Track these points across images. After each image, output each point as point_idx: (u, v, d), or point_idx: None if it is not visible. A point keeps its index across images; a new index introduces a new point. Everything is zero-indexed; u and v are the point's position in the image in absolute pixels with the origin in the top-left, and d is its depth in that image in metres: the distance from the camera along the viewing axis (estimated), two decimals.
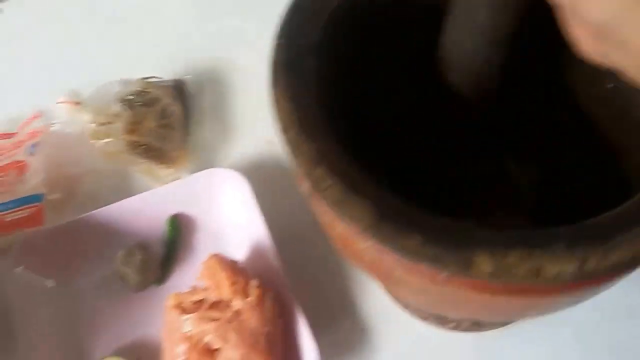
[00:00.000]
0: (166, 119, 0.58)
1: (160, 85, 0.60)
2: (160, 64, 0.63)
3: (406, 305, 0.53)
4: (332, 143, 0.35)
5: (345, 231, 0.35)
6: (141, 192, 0.55)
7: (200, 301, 0.48)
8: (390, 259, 0.34)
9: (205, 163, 0.59)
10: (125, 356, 0.50)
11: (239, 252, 0.54)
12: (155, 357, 0.49)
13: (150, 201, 0.55)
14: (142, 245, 0.54)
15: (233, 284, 0.48)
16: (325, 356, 0.47)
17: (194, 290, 0.50)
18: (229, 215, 0.55)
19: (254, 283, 0.48)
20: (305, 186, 0.36)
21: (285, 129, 0.36)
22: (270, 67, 0.38)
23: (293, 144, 0.35)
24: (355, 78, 0.42)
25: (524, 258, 0.31)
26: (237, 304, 0.47)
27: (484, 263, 0.31)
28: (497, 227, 0.43)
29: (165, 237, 0.55)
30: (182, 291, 0.50)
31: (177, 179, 0.57)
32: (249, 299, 0.47)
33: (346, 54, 0.41)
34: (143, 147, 0.57)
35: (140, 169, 0.57)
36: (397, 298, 0.53)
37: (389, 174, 0.46)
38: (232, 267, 0.50)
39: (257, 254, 0.53)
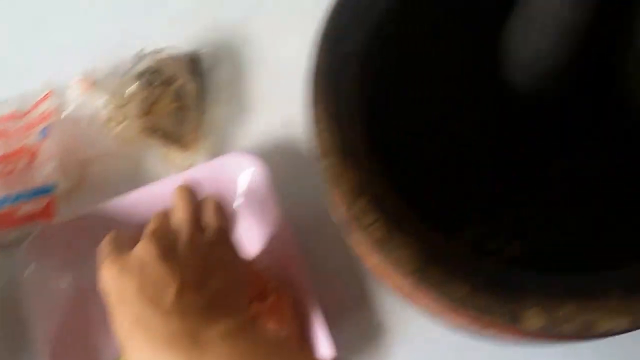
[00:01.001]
0: (182, 99, 0.56)
1: (175, 60, 0.57)
2: (176, 36, 0.60)
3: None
4: (377, 170, 0.34)
5: (385, 266, 0.35)
6: (156, 178, 0.54)
7: None
8: (432, 299, 0.33)
9: (222, 145, 0.57)
10: None
11: (256, 242, 0.53)
12: None
13: (166, 190, 0.53)
14: None
15: (248, 285, 0.48)
16: (340, 351, 0.47)
17: None
18: (245, 204, 0.54)
19: (271, 285, 0.48)
20: (342, 217, 0.35)
21: (325, 154, 0.34)
22: (310, 80, 0.36)
23: (333, 172, 0.34)
24: (405, 84, 0.40)
25: (577, 311, 0.30)
26: (254, 307, 0.47)
27: (535, 317, 0.30)
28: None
29: None
30: None
31: (193, 164, 0.55)
32: (265, 302, 0.47)
33: (396, 59, 0.39)
34: (158, 131, 0.55)
35: (155, 153, 0.55)
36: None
37: (436, 177, 0.44)
38: (247, 268, 0.49)
39: (274, 244, 0.52)
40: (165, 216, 0.43)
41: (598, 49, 0.39)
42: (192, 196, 0.44)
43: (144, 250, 0.39)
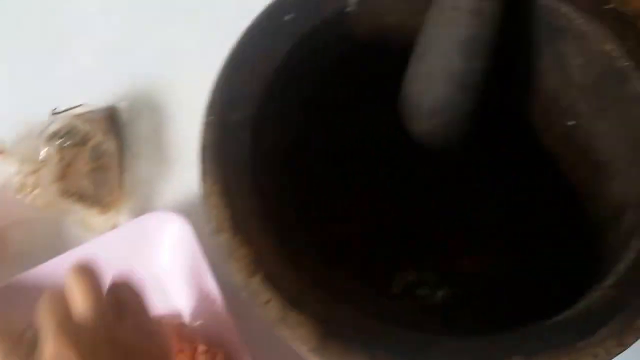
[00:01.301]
0: (99, 159, 0.54)
1: (91, 117, 0.56)
2: (91, 90, 0.58)
3: None
4: (271, 245, 0.32)
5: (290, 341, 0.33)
6: (77, 242, 0.52)
7: None
8: None
9: (145, 203, 0.55)
10: None
11: (186, 305, 0.52)
12: None
13: (87, 256, 0.51)
14: None
15: (178, 352, 0.46)
16: None
17: None
18: (172, 265, 0.53)
19: (201, 348, 0.47)
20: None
21: (218, 230, 0.33)
22: (199, 153, 0.35)
23: (227, 249, 0.32)
24: (303, 142, 0.39)
25: None
26: None
27: None
28: (463, 276, 0.42)
29: None
30: None
31: (115, 226, 0.54)
32: None
33: (292, 119, 0.38)
34: (75, 194, 0.53)
35: (74, 218, 0.54)
36: None
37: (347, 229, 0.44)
38: (176, 332, 0.48)
39: (204, 305, 0.51)
40: (61, 303, 0.36)
41: (497, 94, 0.39)
42: (93, 278, 0.37)
43: (58, 355, 0.32)
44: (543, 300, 0.36)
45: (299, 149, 0.37)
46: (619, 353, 0.31)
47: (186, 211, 0.52)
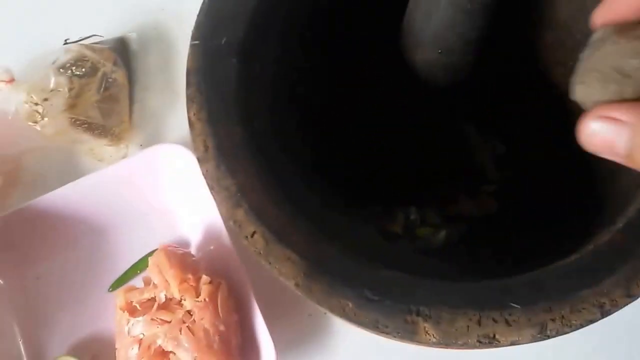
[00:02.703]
0: (108, 89, 0.51)
1: (100, 48, 0.52)
2: (101, 21, 0.54)
3: None
4: (257, 175, 0.28)
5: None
6: (88, 171, 0.50)
7: (152, 299, 0.44)
8: (326, 309, 0.29)
9: (153, 135, 0.52)
10: (81, 353, 0.46)
11: (193, 234, 0.49)
12: (111, 355, 0.45)
13: (97, 184, 0.49)
14: None
15: (182, 281, 0.43)
16: (281, 348, 0.44)
17: (145, 287, 0.45)
18: (181, 195, 0.50)
19: (205, 279, 0.44)
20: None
21: (202, 160, 0.29)
22: (186, 78, 0.30)
23: (210, 179, 0.29)
24: (296, 70, 0.34)
25: (473, 326, 0.26)
26: (188, 303, 0.43)
27: (429, 332, 0.26)
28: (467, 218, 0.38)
29: None
30: (134, 286, 0.46)
31: (124, 157, 0.51)
32: (200, 297, 0.43)
33: (283, 46, 0.33)
34: (85, 125, 0.50)
35: (84, 148, 0.51)
36: None
37: (347, 161, 0.40)
38: (181, 262, 0.45)
39: (210, 236, 0.48)
40: None
41: (507, 21, 0.33)
42: None
43: None
44: (548, 245, 0.32)
45: (292, 77, 0.33)
46: (626, 305, 0.26)
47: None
